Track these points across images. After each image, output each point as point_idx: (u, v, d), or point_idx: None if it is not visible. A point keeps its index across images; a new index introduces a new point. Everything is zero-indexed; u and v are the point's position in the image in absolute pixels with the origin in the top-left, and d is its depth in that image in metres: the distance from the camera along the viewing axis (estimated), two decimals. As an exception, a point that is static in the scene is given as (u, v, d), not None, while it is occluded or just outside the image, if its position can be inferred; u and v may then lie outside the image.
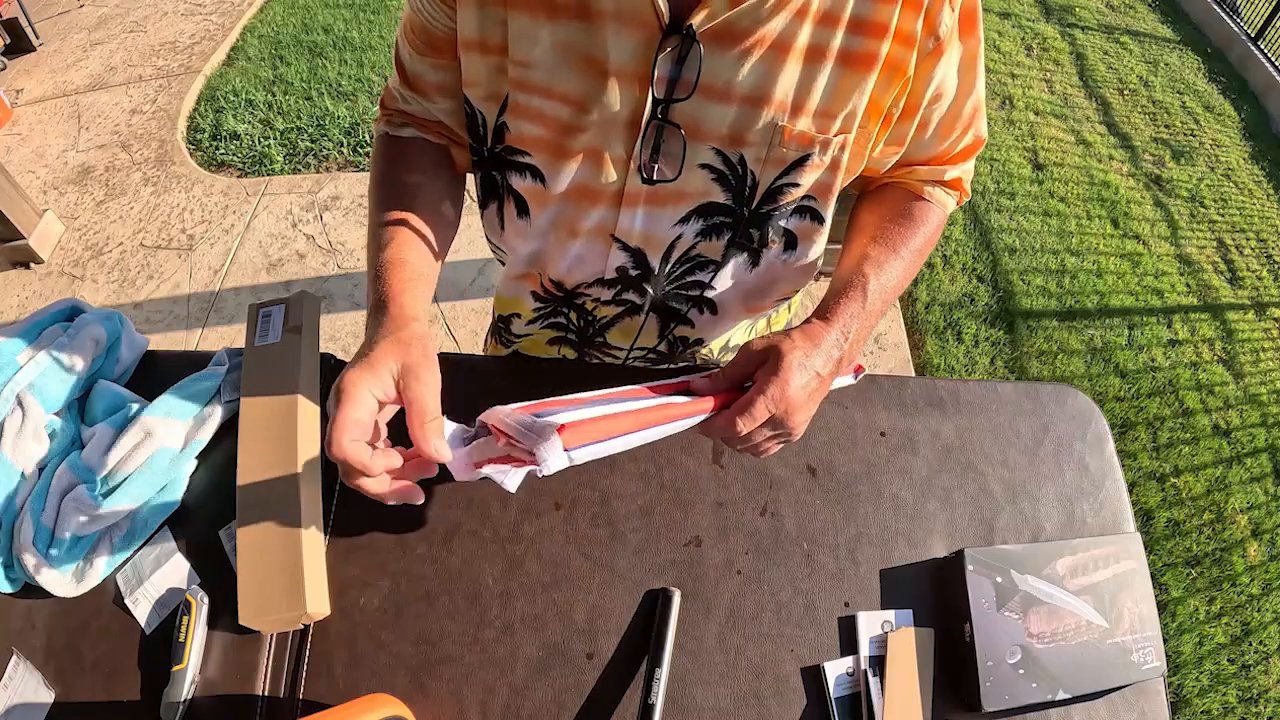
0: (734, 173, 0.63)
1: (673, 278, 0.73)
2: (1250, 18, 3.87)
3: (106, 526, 0.73)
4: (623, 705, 0.68)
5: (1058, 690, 0.69)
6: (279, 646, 0.70)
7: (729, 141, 0.61)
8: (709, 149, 0.62)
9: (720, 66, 0.57)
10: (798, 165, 0.63)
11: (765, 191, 0.65)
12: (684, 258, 0.71)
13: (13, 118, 3.05)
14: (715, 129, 0.60)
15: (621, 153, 0.62)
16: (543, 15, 0.57)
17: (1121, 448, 2.23)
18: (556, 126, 0.62)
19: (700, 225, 0.68)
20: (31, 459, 0.73)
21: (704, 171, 0.63)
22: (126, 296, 2.41)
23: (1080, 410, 0.87)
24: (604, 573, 0.74)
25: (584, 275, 0.74)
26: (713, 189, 0.65)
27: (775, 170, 0.63)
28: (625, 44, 0.57)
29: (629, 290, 0.75)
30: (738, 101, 0.59)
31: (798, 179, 0.64)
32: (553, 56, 0.59)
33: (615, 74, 0.58)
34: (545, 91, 0.61)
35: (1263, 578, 2.02)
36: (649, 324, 0.80)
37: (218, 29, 3.43)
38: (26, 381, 0.76)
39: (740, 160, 0.63)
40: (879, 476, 0.80)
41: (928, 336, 2.42)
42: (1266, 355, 2.54)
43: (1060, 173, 3.05)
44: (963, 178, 0.74)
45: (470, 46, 0.62)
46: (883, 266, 0.67)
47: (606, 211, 0.67)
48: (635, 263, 0.71)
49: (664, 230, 0.68)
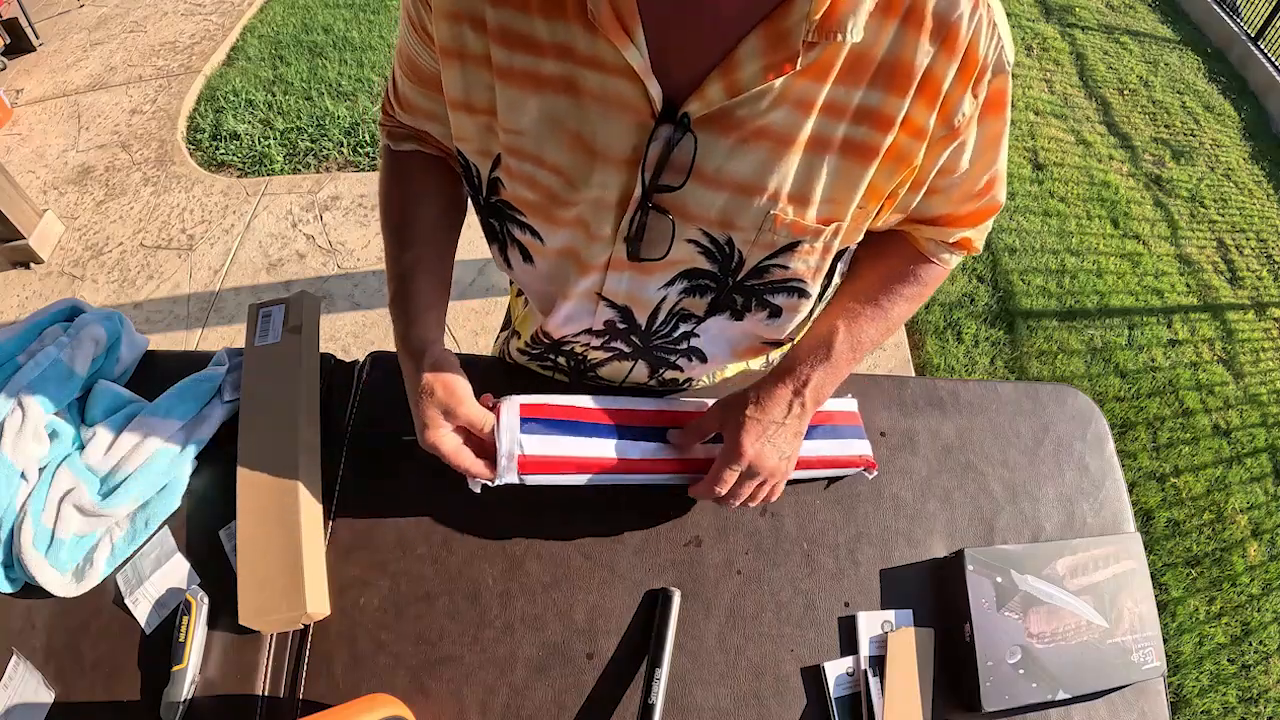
0: (720, 251, 0.62)
1: (659, 333, 0.73)
2: (1250, 18, 3.87)
3: (106, 526, 0.73)
4: (623, 705, 0.68)
5: (1058, 690, 0.69)
6: (279, 646, 0.70)
7: (717, 225, 0.60)
8: (696, 229, 0.60)
9: (714, 154, 0.55)
10: (787, 250, 0.62)
11: (751, 269, 0.64)
12: (670, 313, 0.70)
13: (13, 118, 3.05)
14: (704, 213, 0.59)
15: (608, 230, 0.61)
16: (529, 87, 0.55)
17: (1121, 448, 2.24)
18: (547, 194, 0.61)
19: (685, 285, 0.67)
20: (31, 459, 0.73)
21: (691, 246, 0.62)
22: (126, 296, 2.41)
23: (1080, 410, 0.87)
24: (604, 573, 0.74)
25: (573, 328, 0.74)
26: (698, 259, 0.63)
27: (763, 252, 0.62)
28: (614, 127, 0.54)
29: (617, 340, 0.75)
30: (729, 189, 0.57)
31: (786, 262, 0.63)
32: (541, 127, 0.56)
33: (602, 155, 0.56)
34: (536, 160, 0.59)
35: (1263, 578, 2.02)
36: (638, 369, 0.81)
37: (218, 29, 3.43)
38: (26, 381, 0.76)
39: (728, 241, 0.61)
40: (879, 476, 0.80)
41: (928, 336, 2.42)
42: (1266, 355, 2.54)
43: (1060, 173, 3.05)
44: (973, 238, 0.71)
45: (457, 105, 0.60)
46: (859, 321, 0.70)
47: (595, 276, 0.66)
48: (622, 318, 0.71)
49: (649, 293, 0.67)
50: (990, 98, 0.56)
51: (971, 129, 0.58)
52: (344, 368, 0.86)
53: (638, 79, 0.51)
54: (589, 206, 0.59)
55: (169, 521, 0.75)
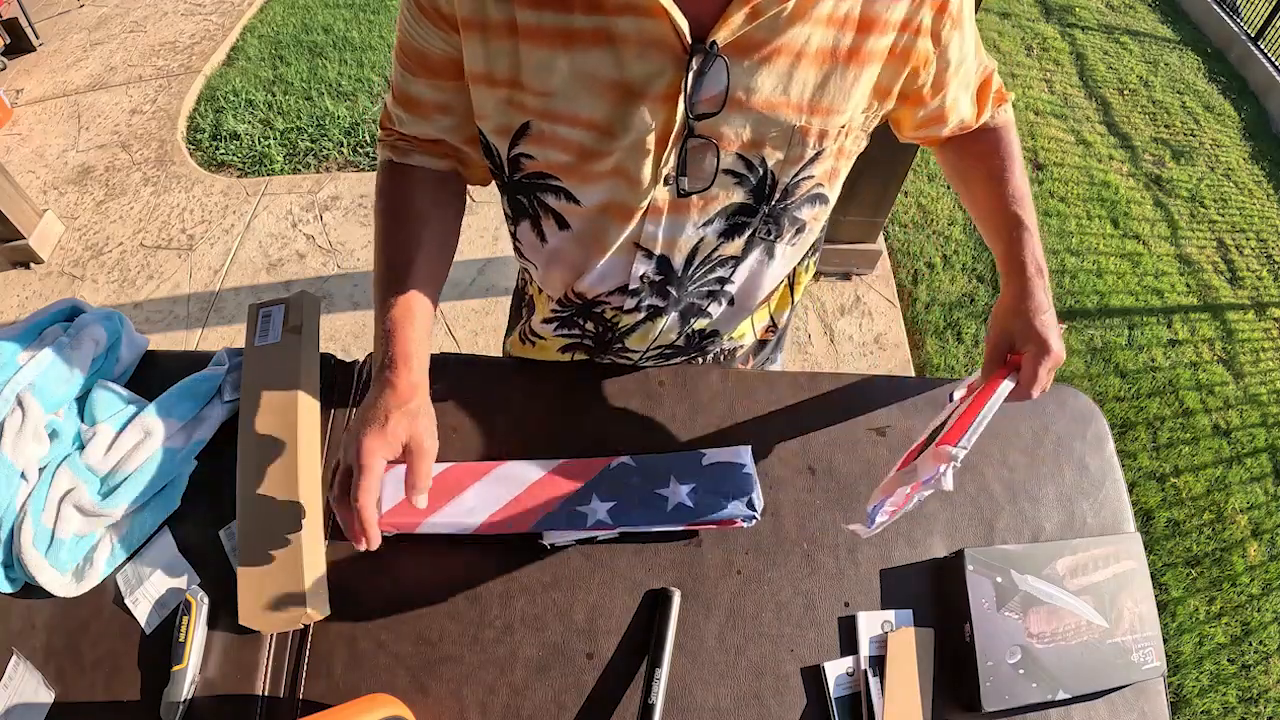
0: (755, 174, 0.65)
1: (695, 278, 0.75)
2: (1250, 18, 3.86)
3: (106, 526, 0.73)
4: (623, 705, 0.68)
5: (1058, 690, 0.69)
6: (279, 646, 0.70)
7: (751, 146, 0.63)
8: (733, 155, 0.63)
9: (742, 76, 0.58)
10: (813, 160, 0.66)
11: (784, 188, 0.67)
12: (706, 258, 0.72)
13: (13, 118, 3.04)
14: (738, 136, 0.62)
15: (648, 171, 0.63)
16: (560, 45, 0.57)
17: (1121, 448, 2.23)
18: (580, 152, 0.63)
19: (722, 225, 0.69)
20: (31, 459, 0.73)
21: (727, 176, 0.65)
22: (126, 296, 2.41)
23: (1080, 410, 0.87)
24: (604, 573, 0.74)
25: (607, 286, 0.75)
26: (735, 191, 0.66)
27: (794, 168, 0.65)
28: (649, 65, 0.57)
29: (653, 295, 0.76)
30: (757, 108, 0.60)
31: (812, 171, 0.67)
32: (574, 84, 0.58)
33: (641, 95, 0.58)
34: (570, 119, 0.61)
35: (1263, 578, 2.02)
36: (670, 323, 0.81)
37: (218, 29, 3.43)
38: (26, 381, 0.76)
39: (761, 161, 0.64)
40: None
41: (928, 336, 2.42)
42: (1266, 355, 2.54)
43: (1060, 173, 3.05)
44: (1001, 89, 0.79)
45: (478, 79, 0.62)
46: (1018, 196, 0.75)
47: (633, 224, 0.67)
48: (659, 268, 0.72)
49: (687, 234, 0.69)
50: None
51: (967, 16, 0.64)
52: (344, 368, 0.86)
53: (666, 16, 0.54)
54: (626, 153, 0.62)
55: (169, 521, 0.75)
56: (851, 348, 2.34)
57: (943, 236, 2.73)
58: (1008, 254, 0.73)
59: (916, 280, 2.57)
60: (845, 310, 2.44)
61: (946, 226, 2.77)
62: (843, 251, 2.42)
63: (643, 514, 0.74)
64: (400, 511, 0.73)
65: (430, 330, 0.70)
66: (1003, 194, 0.75)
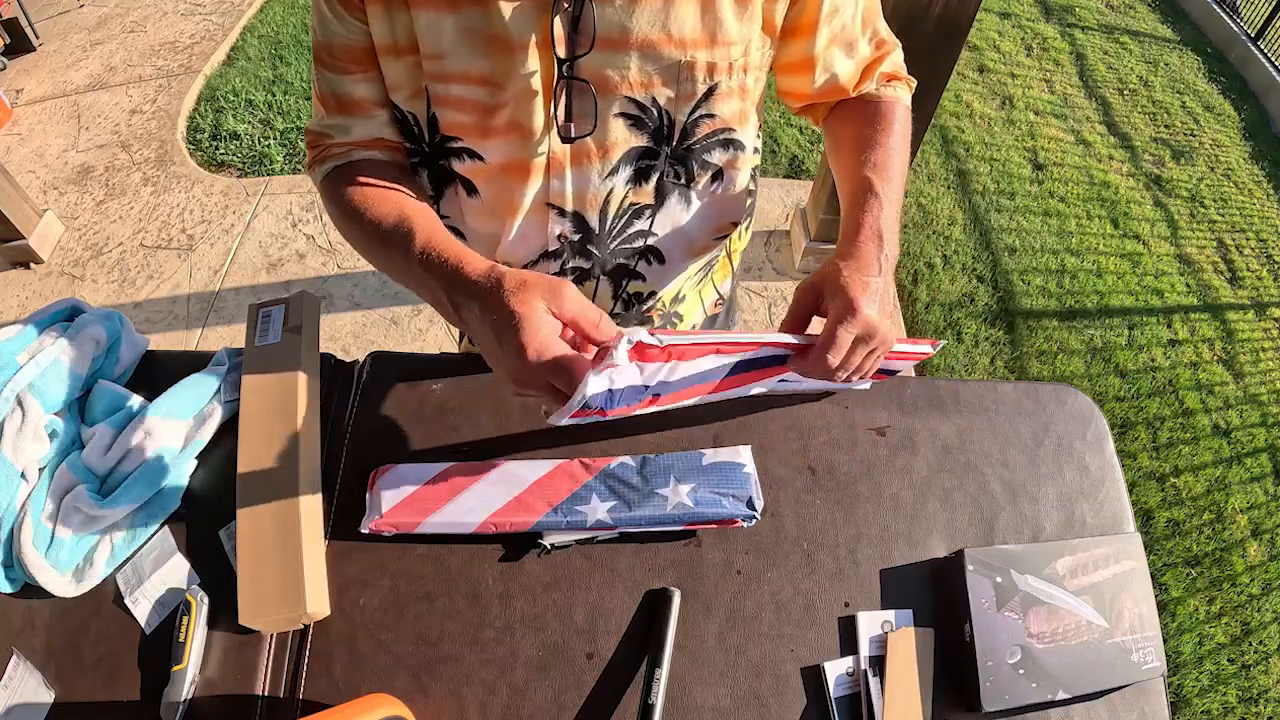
0: (649, 115, 0.66)
1: (614, 233, 0.75)
2: (1250, 18, 3.86)
3: (106, 526, 0.73)
4: (623, 705, 0.68)
5: (1058, 690, 0.69)
6: (279, 646, 0.70)
7: (639, 86, 0.64)
8: (622, 97, 0.64)
9: (614, 17, 0.60)
10: (708, 96, 0.66)
11: (683, 128, 0.68)
12: (620, 210, 0.73)
13: (13, 118, 3.04)
14: (623, 78, 0.63)
15: (539, 120, 0.65)
16: (444, 7, 0.60)
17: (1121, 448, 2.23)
18: (477, 108, 0.65)
19: (628, 173, 0.70)
20: (31, 459, 0.73)
21: (621, 120, 0.66)
22: (126, 296, 2.41)
23: (1080, 410, 0.87)
24: (604, 573, 0.74)
25: (529, 252, 0.75)
26: (632, 135, 0.67)
27: (688, 105, 0.66)
28: (521, 16, 0.60)
29: (576, 257, 0.77)
30: (637, 47, 0.61)
31: (711, 109, 0.68)
32: (460, 44, 0.62)
33: (518, 45, 0.61)
34: (461, 77, 0.63)
35: (1263, 578, 2.02)
36: (602, 288, 0.81)
37: (218, 29, 3.43)
38: (26, 381, 0.76)
39: (653, 101, 0.65)
40: (879, 476, 0.80)
41: (928, 336, 2.42)
42: (1266, 355, 2.54)
43: (1060, 173, 3.05)
44: (896, 71, 0.77)
45: (386, 51, 0.65)
46: (880, 165, 0.71)
47: (538, 181, 0.69)
48: (576, 226, 0.73)
49: (594, 186, 0.70)
50: None
51: None
52: (344, 368, 0.86)
53: None
54: (516, 105, 0.64)
55: (169, 521, 0.75)
56: (851, 348, 2.34)
57: (943, 236, 2.73)
58: (847, 218, 0.68)
59: (916, 280, 2.57)
60: (845, 310, 2.43)
61: (946, 226, 2.77)
62: (843, 251, 2.41)
63: (643, 514, 0.74)
64: (400, 511, 0.73)
65: None
66: (862, 160, 0.71)
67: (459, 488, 0.75)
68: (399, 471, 0.75)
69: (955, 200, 2.87)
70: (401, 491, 0.74)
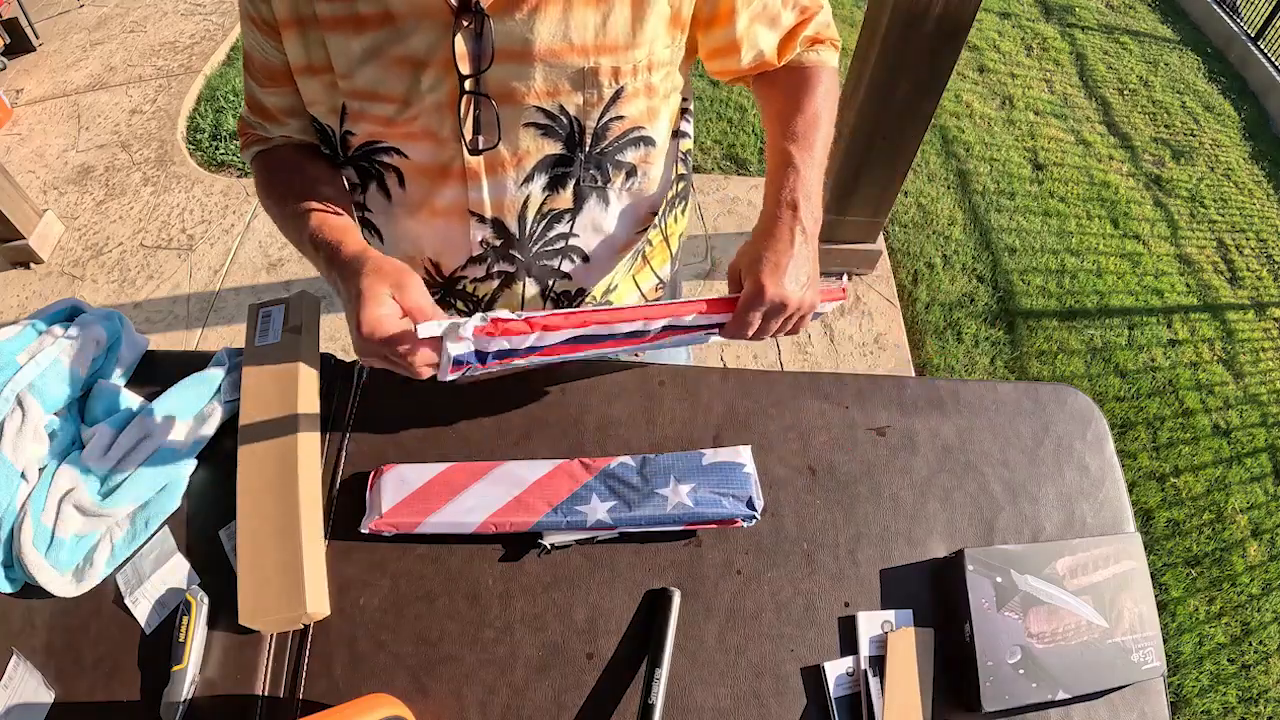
0: (559, 124, 0.67)
1: (535, 237, 0.76)
2: (1250, 18, 3.86)
3: (106, 526, 0.73)
4: (623, 705, 0.68)
5: (1058, 690, 0.69)
6: (279, 646, 0.70)
7: (546, 96, 0.65)
8: (530, 107, 0.65)
9: (516, 30, 0.61)
10: (615, 99, 0.67)
11: (594, 132, 0.69)
12: (540, 215, 0.74)
13: (13, 118, 3.04)
14: (529, 89, 0.64)
15: (449, 132, 0.67)
16: (351, 30, 0.63)
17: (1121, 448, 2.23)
18: (390, 124, 0.68)
19: (544, 180, 0.71)
20: (31, 459, 0.73)
21: (531, 129, 0.67)
22: (126, 296, 2.41)
23: (1080, 410, 0.87)
24: (604, 573, 0.74)
25: (455, 256, 0.78)
26: (545, 143, 0.69)
27: (597, 110, 0.67)
28: (424, 35, 0.62)
29: (501, 261, 0.78)
30: (541, 57, 0.62)
31: (620, 111, 0.69)
32: (368, 64, 0.64)
33: (423, 64, 0.63)
34: (371, 96, 0.66)
35: (1263, 578, 2.02)
36: (530, 289, 0.83)
37: (218, 29, 3.43)
38: (26, 381, 0.76)
39: (561, 109, 0.66)
40: (879, 476, 0.80)
41: (928, 336, 2.42)
42: (1266, 355, 2.54)
43: (1060, 173, 3.05)
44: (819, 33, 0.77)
45: (301, 71, 0.68)
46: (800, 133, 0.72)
47: (457, 188, 0.71)
48: (496, 232, 0.75)
49: (510, 194, 0.72)
50: None
51: None
52: (344, 368, 0.86)
53: None
54: (428, 118, 0.66)
55: (169, 521, 0.75)
56: (851, 348, 2.34)
57: (943, 236, 2.73)
58: (767, 191, 0.72)
59: (916, 280, 2.57)
60: (845, 310, 2.44)
61: (946, 226, 2.77)
62: (843, 251, 2.42)
63: (643, 514, 0.74)
64: (400, 511, 0.73)
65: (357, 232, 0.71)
66: (783, 131, 0.74)
67: (459, 488, 0.75)
68: (399, 471, 0.75)
69: (955, 200, 2.87)
70: (401, 491, 0.74)
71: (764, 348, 2.33)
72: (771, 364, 2.29)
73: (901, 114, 1.93)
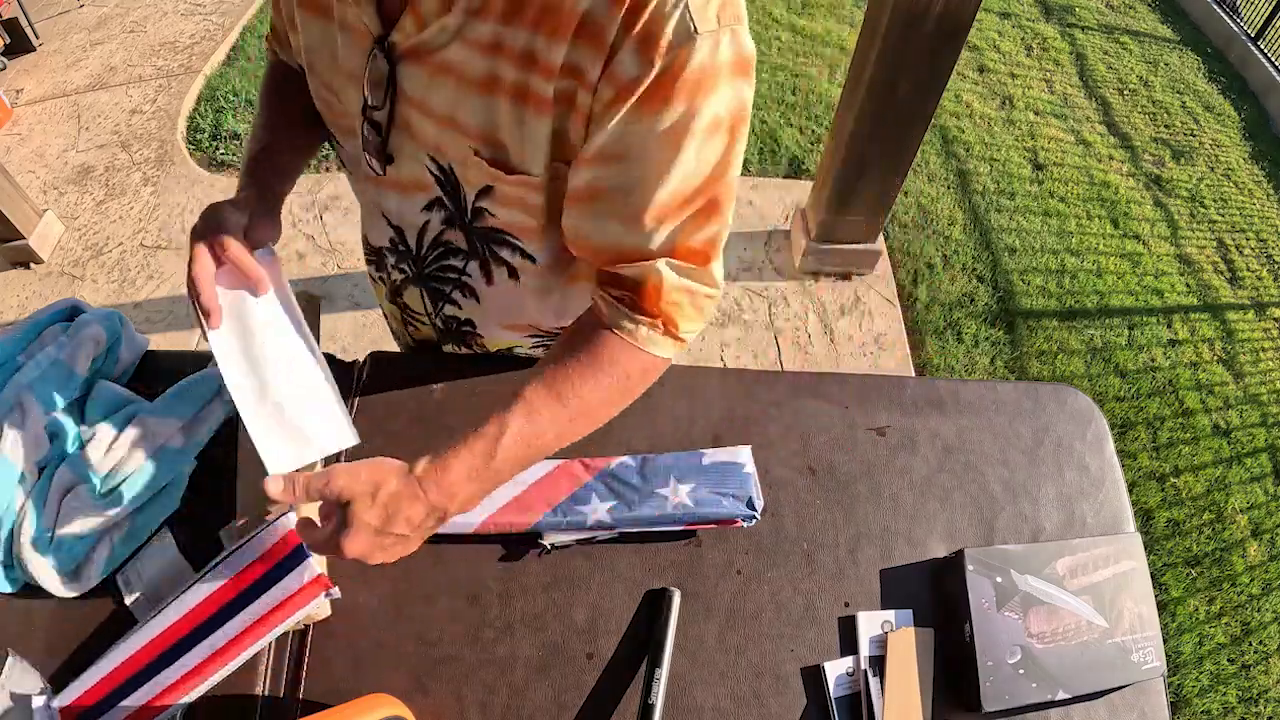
0: (448, 180, 0.66)
1: (429, 260, 0.77)
2: (1250, 18, 3.86)
3: (106, 526, 0.73)
4: (623, 705, 0.68)
5: (1058, 690, 0.69)
6: (279, 646, 0.70)
7: (435, 150, 0.63)
8: (424, 152, 0.64)
9: (417, 84, 0.59)
10: (487, 192, 0.64)
11: (472, 208, 0.67)
12: (435, 242, 0.74)
13: (13, 118, 3.04)
14: (426, 138, 0.63)
15: (357, 142, 0.68)
16: (313, 12, 0.63)
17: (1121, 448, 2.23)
18: (325, 105, 0.70)
19: (443, 215, 0.71)
20: (32, 459, 0.73)
21: (426, 169, 0.66)
22: (126, 296, 2.41)
23: (1080, 410, 0.87)
24: (604, 573, 0.74)
25: (378, 241, 0.80)
26: (434, 187, 0.68)
27: (473, 190, 0.65)
28: (349, 49, 0.62)
29: (402, 262, 0.80)
30: (435, 120, 0.61)
31: (492, 208, 0.65)
32: (320, 51, 0.65)
33: (346, 74, 0.64)
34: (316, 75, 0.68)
35: (1263, 578, 2.02)
36: (425, 299, 0.84)
37: (218, 29, 3.43)
38: (26, 381, 0.76)
39: (450, 169, 0.64)
40: (879, 476, 0.80)
41: (928, 336, 2.42)
42: (1266, 355, 2.54)
43: (1060, 173, 3.05)
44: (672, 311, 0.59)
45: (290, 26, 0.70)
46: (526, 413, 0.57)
47: (372, 189, 0.73)
48: (399, 239, 0.76)
49: (413, 214, 0.72)
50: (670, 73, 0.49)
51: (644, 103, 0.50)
52: (344, 368, 0.86)
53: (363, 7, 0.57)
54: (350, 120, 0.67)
55: (169, 521, 0.75)
56: (851, 348, 2.34)
57: (943, 236, 2.73)
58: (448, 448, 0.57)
59: (916, 280, 2.57)
60: (845, 310, 2.44)
61: (946, 226, 2.77)
62: (843, 251, 2.42)
63: (643, 514, 0.74)
64: None
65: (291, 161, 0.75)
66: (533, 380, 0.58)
67: None
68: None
69: (955, 200, 2.87)
70: None
71: (764, 347, 2.33)
72: (771, 364, 2.29)
73: (901, 114, 1.93)
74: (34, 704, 0.62)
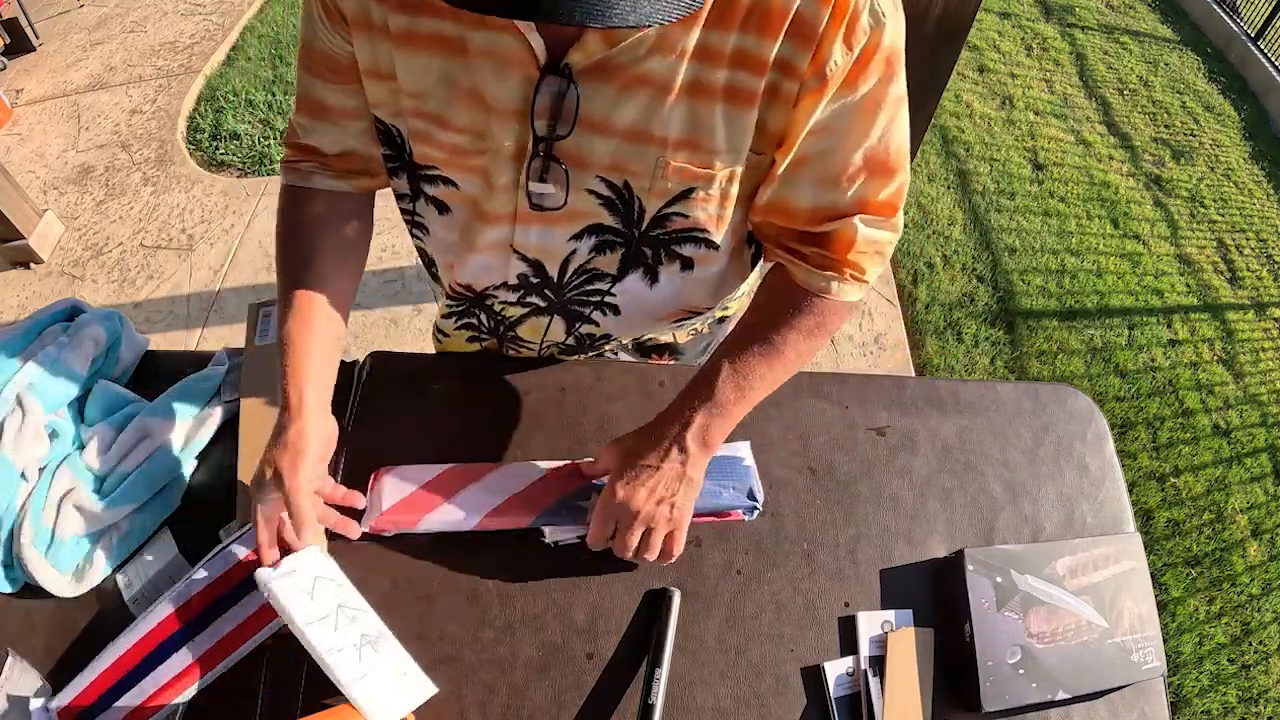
0: (621, 198, 0.65)
1: (571, 286, 0.75)
2: (1250, 18, 3.86)
3: (106, 526, 0.73)
4: (623, 705, 0.68)
5: (1058, 690, 0.69)
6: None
7: (613, 170, 0.62)
8: (595, 176, 0.63)
9: (600, 102, 0.58)
10: (683, 197, 0.64)
11: (653, 218, 0.66)
12: (580, 270, 0.73)
13: (13, 118, 3.04)
14: (599, 160, 0.61)
15: (508, 180, 0.64)
16: (435, 50, 0.59)
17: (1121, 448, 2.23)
18: (453, 150, 0.64)
19: (593, 242, 0.69)
20: (32, 459, 0.73)
21: (591, 196, 0.64)
22: (126, 296, 2.41)
23: (1080, 410, 0.87)
24: (604, 572, 0.74)
25: (489, 281, 0.77)
26: (601, 213, 0.66)
27: (660, 200, 0.64)
28: (504, 82, 0.58)
29: (532, 294, 0.77)
30: (619, 136, 0.59)
31: (685, 210, 0.65)
32: (442, 89, 0.60)
33: (496, 110, 0.60)
34: (440, 121, 0.62)
35: (1263, 578, 2.02)
36: (555, 325, 0.82)
37: (218, 29, 3.43)
38: (26, 381, 0.75)
39: (626, 185, 0.63)
40: (879, 476, 0.80)
41: (928, 336, 2.42)
42: (1266, 355, 2.54)
43: (1060, 173, 3.04)
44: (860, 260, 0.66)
45: (369, 74, 0.64)
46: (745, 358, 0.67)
47: (504, 229, 0.69)
48: (535, 272, 0.74)
49: (558, 245, 0.70)
50: (865, 57, 0.56)
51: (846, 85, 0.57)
52: (344, 368, 0.86)
53: (522, 34, 0.55)
54: (491, 158, 0.63)
55: (169, 521, 0.75)
56: (851, 348, 2.34)
57: (943, 236, 2.73)
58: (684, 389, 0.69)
59: (916, 280, 2.57)
60: (845, 310, 2.43)
61: (946, 226, 2.77)
62: (843, 251, 2.42)
63: None
64: (400, 511, 0.73)
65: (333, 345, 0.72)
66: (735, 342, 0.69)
67: (459, 487, 0.75)
68: (399, 471, 0.75)
69: (955, 200, 2.87)
70: (401, 491, 0.74)
71: (764, 348, 2.32)
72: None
73: (901, 114, 1.92)
74: (31, 706, 0.62)
